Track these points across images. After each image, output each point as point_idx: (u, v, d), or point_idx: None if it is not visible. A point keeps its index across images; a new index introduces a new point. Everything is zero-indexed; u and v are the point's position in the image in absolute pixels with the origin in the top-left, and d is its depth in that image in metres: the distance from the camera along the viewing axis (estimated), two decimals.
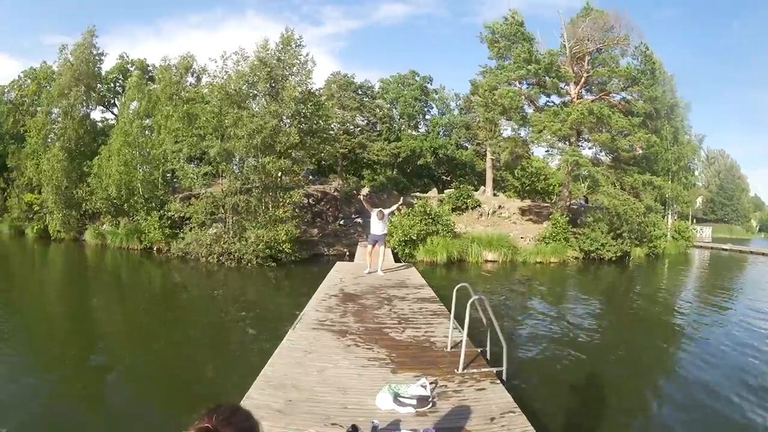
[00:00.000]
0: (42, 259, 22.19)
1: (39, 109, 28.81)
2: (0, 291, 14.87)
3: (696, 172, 45.43)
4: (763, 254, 29.02)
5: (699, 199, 62.67)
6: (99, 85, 31.66)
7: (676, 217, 37.32)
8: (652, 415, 7.07)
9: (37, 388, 7.20)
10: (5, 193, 27.79)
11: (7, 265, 20.43)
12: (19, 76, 34.17)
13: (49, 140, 26.76)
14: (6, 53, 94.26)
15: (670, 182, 32.42)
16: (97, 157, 26.02)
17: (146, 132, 26.68)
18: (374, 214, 13.74)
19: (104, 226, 25.89)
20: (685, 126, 35.75)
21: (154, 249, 24.34)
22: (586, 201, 35.69)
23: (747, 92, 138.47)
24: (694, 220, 46.62)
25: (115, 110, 31.46)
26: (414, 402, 4.58)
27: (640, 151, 29.90)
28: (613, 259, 25.63)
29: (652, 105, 27.34)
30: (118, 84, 34.39)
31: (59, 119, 27.67)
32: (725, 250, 32.93)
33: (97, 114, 34.16)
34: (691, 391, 7.81)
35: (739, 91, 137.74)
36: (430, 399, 4.70)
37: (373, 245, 13.90)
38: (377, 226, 13.75)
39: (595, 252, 25.89)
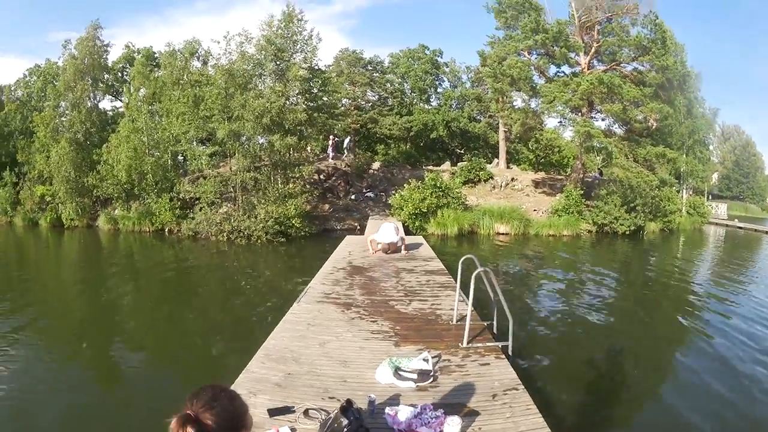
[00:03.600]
0: (56, 246, 22.45)
1: (46, 104, 29.03)
2: (17, 278, 14.91)
3: (711, 147, 44.22)
4: None
5: (715, 175, 61.14)
6: (107, 75, 31.99)
7: (691, 192, 36.60)
8: (662, 399, 6.68)
9: (56, 370, 7.34)
10: (17, 187, 28.12)
11: (23, 254, 20.69)
12: (24, 74, 34.50)
13: (58, 133, 26.91)
14: (13, 53, 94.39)
15: (684, 156, 31.75)
16: (105, 145, 26.19)
17: (154, 117, 26.80)
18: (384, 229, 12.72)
19: (116, 211, 26.09)
20: (699, 99, 34.76)
21: (166, 230, 24.40)
22: (601, 174, 35.07)
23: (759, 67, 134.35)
24: (710, 197, 45.66)
25: (124, 98, 31.58)
26: (414, 376, 4.46)
27: (654, 124, 29.26)
28: (627, 233, 25.23)
29: (664, 75, 26.54)
30: (125, 73, 34.59)
31: (67, 112, 27.92)
32: (740, 228, 32.08)
33: (106, 103, 34.53)
34: (705, 376, 7.27)
35: (750, 66, 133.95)
36: (431, 373, 4.59)
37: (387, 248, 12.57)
38: (389, 234, 12.65)
39: (609, 225, 25.52)
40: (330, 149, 32.82)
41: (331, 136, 32.70)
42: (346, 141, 35.75)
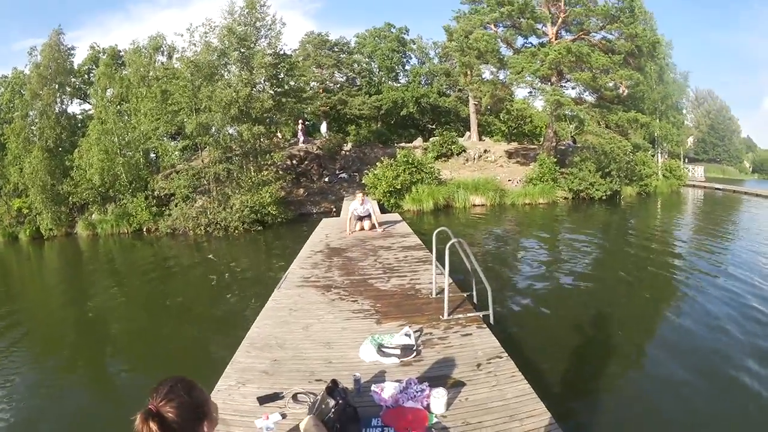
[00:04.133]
0: (37, 258, 22.08)
1: (15, 114, 28.14)
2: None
3: (684, 111, 44.71)
4: (757, 195, 28.82)
5: (690, 139, 61.80)
6: (73, 79, 31.09)
7: (666, 156, 37.04)
8: (647, 360, 6.71)
9: (42, 374, 7.45)
10: None
11: (5, 269, 20.30)
12: None
13: (30, 143, 26.09)
14: None
15: (658, 121, 32.09)
16: (77, 149, 25.62)
17: (123, 117, 26.15)
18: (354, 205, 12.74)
19: (93, 215, 25.55)
20: (670, 65, 34.97)
21: (144, 230, 23.98)
22: (574, 142, 35.34)
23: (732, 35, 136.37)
24: (686, 160, 46.31)
25: (92, 100, 30.69)
26: (398, 352, 4.49)
27: (625, 91, 29.42)
28: (603, 198, 25.52)
29: (633, 42, 26.63)
30: (91, 74, 33.53)
31: (36, 120, 27.11)
32: (719, 189, 32.66)
33: (75, 107, 33.69)
34: (687, 338, 7.25)
35: (721, 34, 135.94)
36: (414, 348, 4.62)
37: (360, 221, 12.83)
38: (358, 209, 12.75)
39: (585, 191, 25.75)
40: (300, 134, 32.48)
41: (300, 121, 32.40)
42: (323, 126, 35.32)
